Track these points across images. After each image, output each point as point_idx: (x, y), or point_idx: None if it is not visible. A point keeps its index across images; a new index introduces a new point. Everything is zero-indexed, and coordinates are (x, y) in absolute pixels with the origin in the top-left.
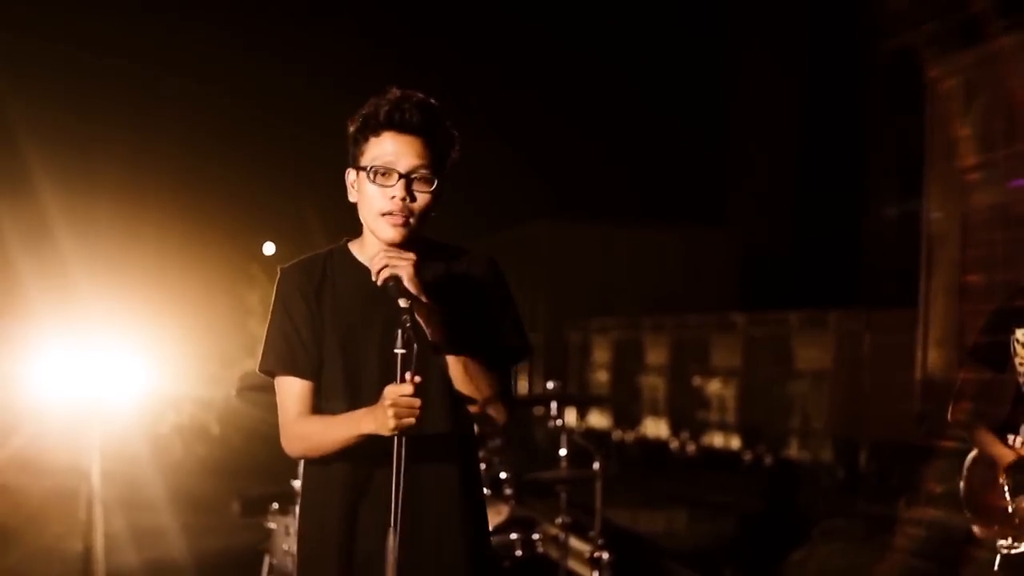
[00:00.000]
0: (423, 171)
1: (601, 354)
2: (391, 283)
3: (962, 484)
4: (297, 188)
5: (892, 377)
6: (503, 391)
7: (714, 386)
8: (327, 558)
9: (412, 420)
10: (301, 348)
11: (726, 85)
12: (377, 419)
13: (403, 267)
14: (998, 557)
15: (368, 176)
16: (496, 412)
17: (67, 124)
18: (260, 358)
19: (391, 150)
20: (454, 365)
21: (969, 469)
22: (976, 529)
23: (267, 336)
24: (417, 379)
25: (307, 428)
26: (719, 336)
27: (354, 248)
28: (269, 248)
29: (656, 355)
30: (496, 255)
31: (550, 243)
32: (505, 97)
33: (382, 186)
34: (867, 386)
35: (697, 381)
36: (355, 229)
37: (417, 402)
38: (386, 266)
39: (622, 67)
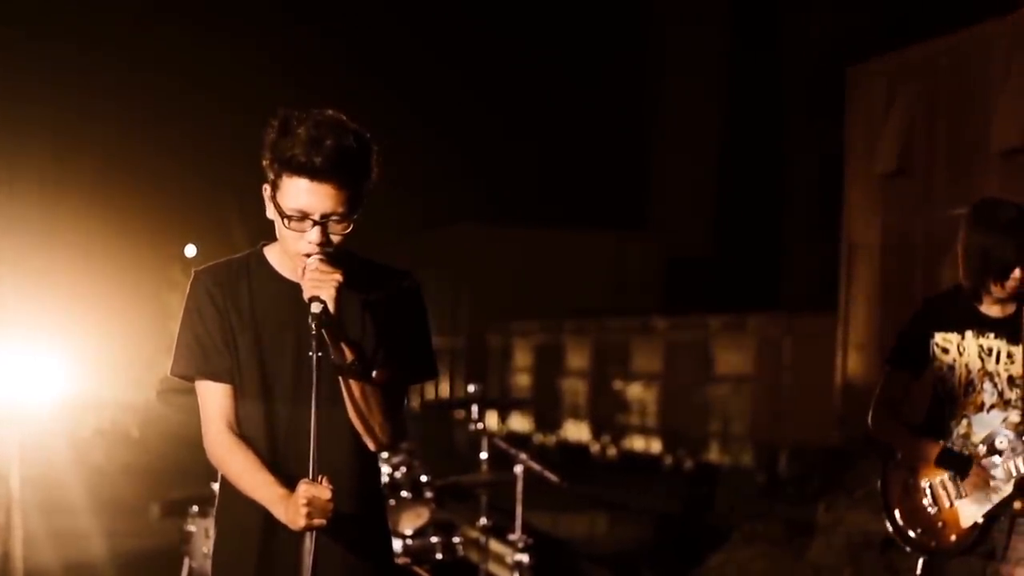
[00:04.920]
0: (338, 214)
1: (522, 357)
2: (313, 301)
3: (882, 489)
4: (219, 190)
5: (812, 381)
6: (394, 414)
7: (635, 390)
8: (246, 560)
9: (323, 522)
10: (214, 351)
11: (648, 90)
12: (288, 513)
13: (326, 289)
14: (920, 561)
15: (283, 221)
16: (382, 434)
17: None
18: (172, 361)
19: (305, 196)
20: (353, 386)
21: (889, 473)
22: (896, 533)
23: (179, 339)
24: (331, 489)
25: (226, 460)
26: (640, 340)
27: (270, 253)
28: (191, 250)
29: (577, 359)
30: (419, 256)
31: (472, 246)
32: (431, 99)
33: (297, 231)
34: (787, 390)
35: (618, 385)
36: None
37: (331, 506)
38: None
39: (546, 72)
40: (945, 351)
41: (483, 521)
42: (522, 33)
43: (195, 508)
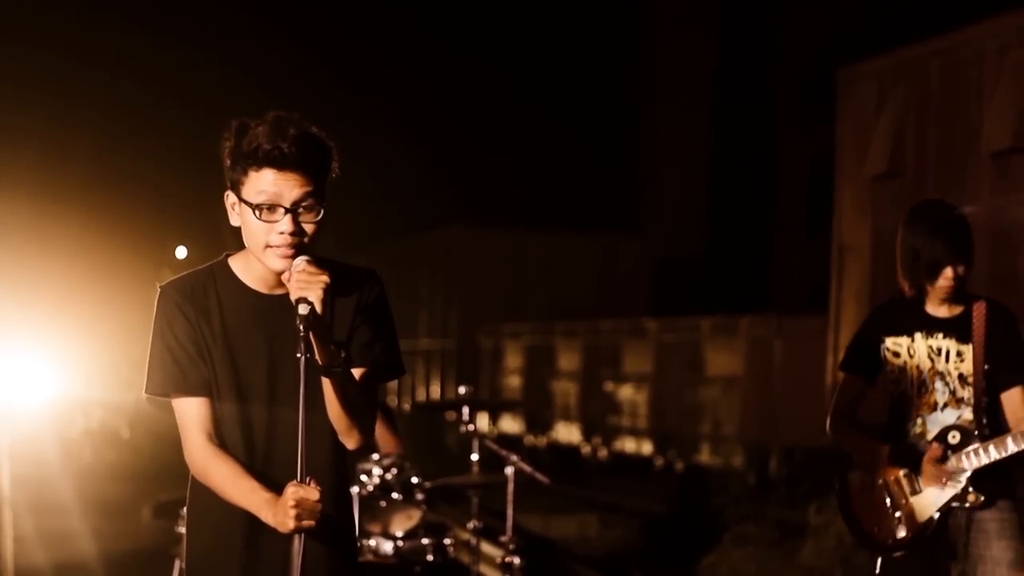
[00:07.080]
0: (308, 202)
1: (513, 359)
2: (301, 303)
3: (839, 490)
4: (209, 192)
5: (803, 383)
6: (372, 412)
7: (626, 392)
8: (229, 568)
9: (312, 523)
10: (190, 365)
11: (640, 91)
12: (276, 516)
13: (313, 291)
14: (879, 561)
15: (253, 212)
16: (363, 432)
17: None
18: (147, 379)
19: (273, 185)
20: (336, 386)
21: (847, 475)
22: (854, 532)
23: (152, 356)
24: (319, 490)
25: (208, 471)
26: (631, 342)
27: (235, 263)
28: (181, 252)
29: (568, 360)
30: (409, 259)
31: (463, 248)
32: (423, 101)
33: (268, 221)
34: (778, 392)
35: (609, 387)
36: None
37: (319, 507)
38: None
39: (537, 73)
40: (896, 355)
41: (474, 523)
42: (514, 34)
43: (186, 510)
